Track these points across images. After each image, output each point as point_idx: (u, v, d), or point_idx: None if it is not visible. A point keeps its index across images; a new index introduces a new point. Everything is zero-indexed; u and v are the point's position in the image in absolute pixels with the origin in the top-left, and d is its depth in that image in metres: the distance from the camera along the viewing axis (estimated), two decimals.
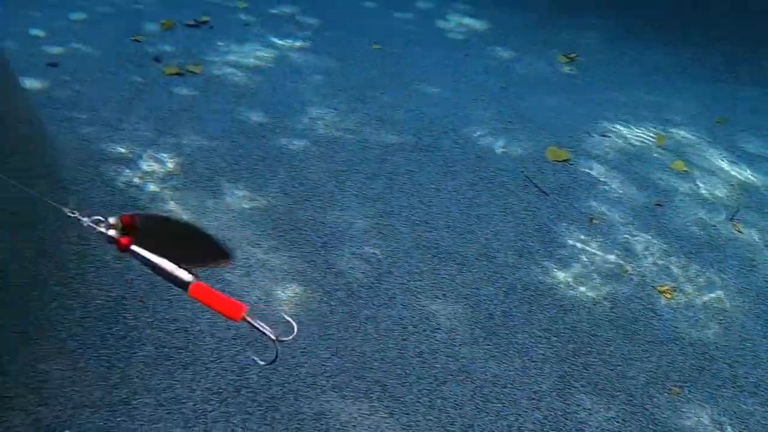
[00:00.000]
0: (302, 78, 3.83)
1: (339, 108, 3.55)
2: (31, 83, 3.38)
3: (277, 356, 0.89)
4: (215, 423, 1.83)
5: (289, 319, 1.02)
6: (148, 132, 3.10)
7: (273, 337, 0.86)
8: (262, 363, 0.91)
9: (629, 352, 2.25)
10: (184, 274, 0.89)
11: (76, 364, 1.93)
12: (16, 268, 2.05)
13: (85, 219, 0.93)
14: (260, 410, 1.88)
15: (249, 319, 0.87)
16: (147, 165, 2.85)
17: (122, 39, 4.02)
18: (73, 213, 0.96)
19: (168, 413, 1.83)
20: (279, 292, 2.30)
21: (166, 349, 2.01)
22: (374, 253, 2.55)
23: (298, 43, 4.27)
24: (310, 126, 3.34)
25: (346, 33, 4.50)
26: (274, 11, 4.72)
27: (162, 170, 2.83)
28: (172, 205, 2.61)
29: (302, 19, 4.66)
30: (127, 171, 2.80)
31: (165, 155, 2.93)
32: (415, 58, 4.26)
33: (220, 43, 4.09)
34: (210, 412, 1.86)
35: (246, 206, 2.70)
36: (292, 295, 2.30)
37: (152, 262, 0.90)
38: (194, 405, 1.86)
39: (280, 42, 4.24)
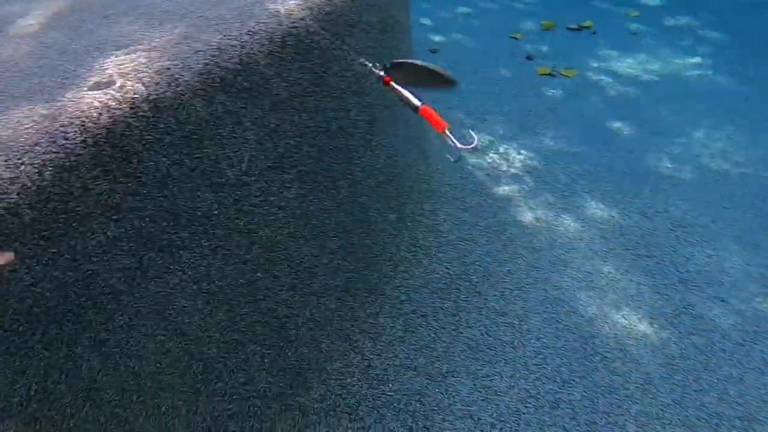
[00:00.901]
0: (691, 97, 3.49)
1: (732, 137, 3.13)
2: None
3: (459, 158, 1.39)
4: (527, 426, 1.81)
5: (473, 133, 1.37)
6: (510, 127, 3.26)
7: (459, 146, 1.27)
8: (452, 160, 1.45)
9: None
10: (416, 101, 1.34)
11: (407, 327, 2.15)
12: (381, 230, 2.39)
13: (369, 64, 1.44)
14: (578, 431, 1.81)
15: (447, 132, 1.27)
16: (503, 158, 3.00)
17: (500, 34, 4.31)
18: (366, 64, 1.46)
19: (483, 400, 1.89)
20: (618, 315, 2.15)
21: (491, 339, 2.08)
22: (754, 308, 2.16)
23: (693, 59, 3.91)
24: (690, 150, 3.03)
25: (762, 54, 3.93)
26: (670, 22, 4.42)
27: (517, 166, 2.94)
28: (520, 203, 2.70)
29: (704, 32, 4.25)
30: (484, 159, 3.00)
31: (523, 152, 3.04)
32: None
33: (600, 50, 4.03)
34: (523, 413, 1.85)
35: (599, 219, 2.60)
36: (634, 322, 2.11)
37: (400, 92, 1.36)
38: (509, 401, 1.88)
39: (672, 55, 3.95)
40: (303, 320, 1.96)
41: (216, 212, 1.63)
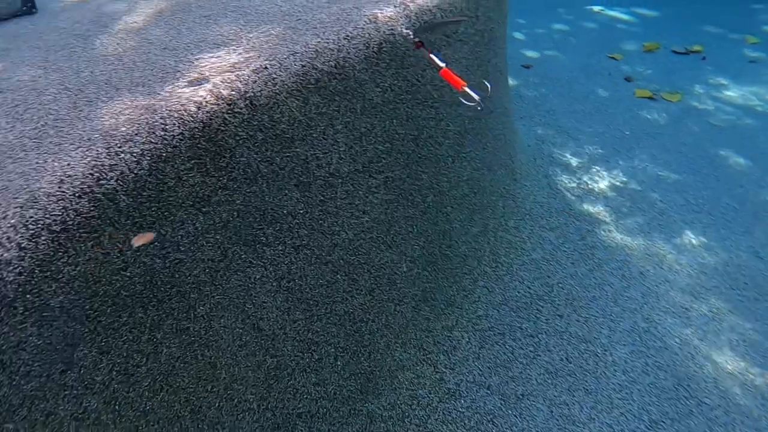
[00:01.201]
0: None
1: None
2: None
3: (480, 107, 1.34)
4: None
5: (487, 83, 1.49)
6: (602, 148, 3.03)
7: (477, 98, 1.34)
8: (468, 103, 1.44)
9: None
10: (441, 63, 1.40)
11: (483, 343, 2.02)
12: (462, 243, 2.28)
13: (407, 32, 1.51)
14: None
15: (466, 88, 1.34)
16: (593, 179, 2.79)
17: (597, 54, 4.05)
18: (408, 33, 1.52)
19: (559, 429, 1.71)
20: (721, 359, 1.90)
21: (571, 365, 1.91)
22: None
23: None
24: None
25: None
26: None
27: (607, 188, 2.73)
28: (610, 227, 2.49)
29: None
30: (572, 179, 2.80)
31: (615, 175, 2.82)
32: None
33: (710, 76, 3.68)
34: None
35: (699, 254, 2.33)
36: (741, 369, 1.86)
37: (428, 55, 1.43)
38: None
39: None
40: (378, 326, 1.88)
41: (301, 211, 1.59)
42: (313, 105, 1.53)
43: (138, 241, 1.21)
